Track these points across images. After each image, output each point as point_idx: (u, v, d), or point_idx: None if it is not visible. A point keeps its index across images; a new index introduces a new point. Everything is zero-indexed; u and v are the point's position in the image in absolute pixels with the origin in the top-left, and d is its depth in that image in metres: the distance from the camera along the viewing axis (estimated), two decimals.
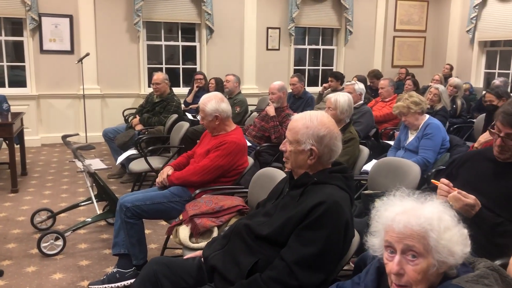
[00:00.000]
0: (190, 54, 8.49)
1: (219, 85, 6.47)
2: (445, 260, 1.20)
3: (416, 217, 1.23)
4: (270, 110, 4.60)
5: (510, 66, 8.52)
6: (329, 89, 6.78)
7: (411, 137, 4.01)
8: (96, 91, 7.61)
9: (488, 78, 8.81)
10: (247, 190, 3.03)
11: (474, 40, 8.86)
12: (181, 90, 7.75)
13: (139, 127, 5.41)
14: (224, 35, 8.23)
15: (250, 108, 6.59)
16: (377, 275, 1.38)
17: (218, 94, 3.28)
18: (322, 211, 1.72)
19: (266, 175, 2.87)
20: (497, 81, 6.80)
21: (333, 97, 3.75)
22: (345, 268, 2.08)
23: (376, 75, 7.82)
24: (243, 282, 1.75)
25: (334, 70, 9.00)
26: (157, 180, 3.21)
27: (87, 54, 7.02)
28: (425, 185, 3.10)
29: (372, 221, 1.36)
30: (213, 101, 3.14)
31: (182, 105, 6.37)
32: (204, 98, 3.22)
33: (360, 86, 5.05)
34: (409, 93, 4.09)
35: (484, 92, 7.41)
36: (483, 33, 8.71)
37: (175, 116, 5.29)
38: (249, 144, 4.07)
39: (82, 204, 3.92)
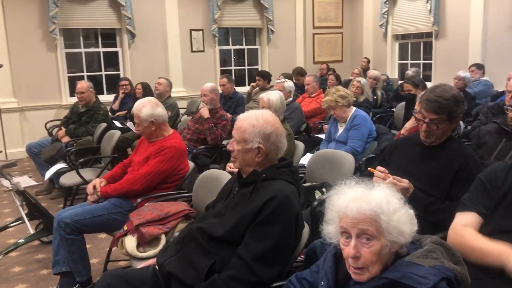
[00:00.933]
0: (111, 60, 8.23)
1: (147, 90, 6.35)
2: (396, 239, 1.30)
3: (367, 202, 1.32)
4: (204, 112, 4.60)
5: (421, 56, 9.17)
6: (257, 88, 6.90)
7: (341, 129, 4.22)
8: (12, 104, 7.14)
9: (402, 69, 9.41)
10: (191, 194, 3.02)
11: (387, 34, 9.42)
12: (106, 98, 7.49)
13: (65, 139, 5.16)
14: (147, 39, 8.07)
15: (181, 111, 6.54)
16: (334, 261, 1.46)
17: (152, 99, 3.23)
18: (274, 206, 1.77)
19: (209, 177, 2.89)
20: (410, 71, 7.30)
21: (265, 96, 3.83)
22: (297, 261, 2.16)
23: (300, 72, 8.07)
24: (203, 284, 1.76)
25: (259, 69, 9.16)
26: (89, 199, 3.06)
27: (0, 66, 6.57)
28: (357, 173, 3.27)
29: (327, 210, 1.43)
30: (148, 106, 3.09)
31: (109, 113, 6.17)
32: (138, 103, 3.16)
33: (289, 84, 5.21)
34: (336, 88, 4.29)
35: (400, 82, 7.96)
36: (394, 27, 9.28)
37: (104, 125, 5.12)
38: None
39: (11, 225, 3.68)
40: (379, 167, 2.28)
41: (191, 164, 3.27)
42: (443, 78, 7.49)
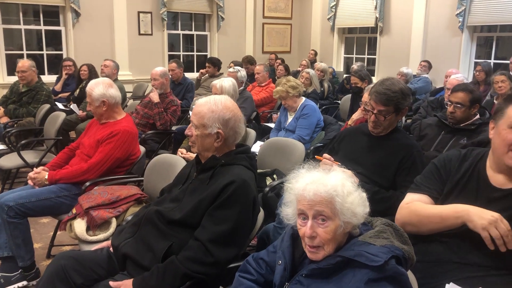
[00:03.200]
0: (54, 40, 7.86)
1: (92, 72, 6.13)
2: (350, 220, 1.39)
3: (323, 185, 1.39)
4: (154, 96, 4.53)
5: (365, 51, 9.50)
6: (207, 75, 6.87)
7: (290, 118, 4.32)
8: None
9: (347, 62, 9.70)
10: (142, 178, 3.00)
11: (334, 28, 9.66)
12: (47, 78, 7.13)
13: (4, 119, 4.92)
14: (93, 19, 7.77)
15: (127, 95, 6.39)
16: (291, 241, 1.53)
17: (106, 79, 3.16)
18: (232, 190, 1.82)
19: (162, 162, 2.87)
20: (355, 65, 7.56)
21: (218, 83, 3.84)
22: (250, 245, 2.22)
23: (250, 60, 8.12)
24: (159, 265, 1.78)
25: (208, 55, 9.10)
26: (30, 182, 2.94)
27: None
28: (305, 161, 3.38)
29: (285, 193, 1.50)
30: (100, 86, 3.02)
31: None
32: (92, 83, 3.09)
33: (242, 74, 5.23)
34: (287, 78, 4.36)
35: (345, 75, 8.22)
36: (341, 21, 9.52)
37: (47, 106, 4.91)
38: None
39: None
40: (325, 155, 2.38)
41: (142, 149, 3.23)
42: (386, 73, 7.81)
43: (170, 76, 6.08)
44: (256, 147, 3.76)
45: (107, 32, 7.97)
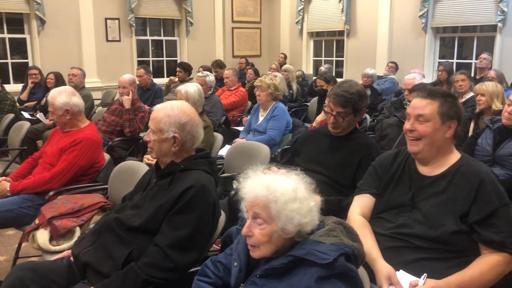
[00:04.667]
0: (19, 48, 7.71)
1: (59, 80, 6.05)
2: (286, 227, 1.40)
3: (266, 189, 1.42)
4: (126, 102, 4.51)
5: (333, 54, 9.64)
6: (177, 80, 6.87)
7: (261, 118, 4.36)
8: None
9: (317, 65, 9.82)
10: (106, 186, 2.98)
11: (302, 31, 9.77)
12: (13, 87, 6.98)
13: None
14: (59, 26, 7.66)
15: (96, 102, 6.33)
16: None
17: (68, 88, 3.15)
18: (191, 195, 1.84)
19: (125, 168, 2.86)
20: (323, 68, 7.67)
21: (183, 88, 3.85)
22: (212, 249, 2.24)
23: (219, 64, 8.14)
24: (119, 272, 1.78)
25: (178, 61, 9.08)
26: None
27: None
28: (273, 164, 3.43)
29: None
30: (63, 95, 2.99)
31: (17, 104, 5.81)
32: (54, 91, 3.06)
33: (211, 79, 5.24)
34: (275, 77, 4.39)
35: (314, 78, 8.32)
36: (309, 25, 9.64)
37: (11, 115, 4.82)
38: None
39: None
40: (273, 168, 2.35)
41: (107, 157, 3.22)
42: (354, 75, 7.96)
43: (138, 82, 6.08)
44: (224, 151, 3.79)
45: (74, 39, 7.87)
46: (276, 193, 1.40)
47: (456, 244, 1.73)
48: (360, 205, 2.01)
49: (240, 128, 4.98)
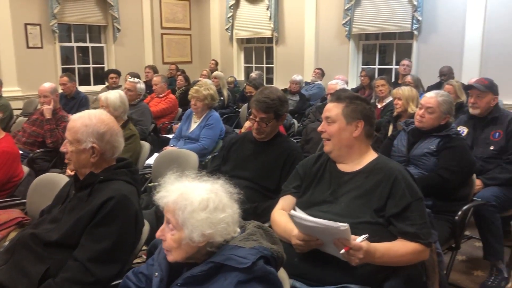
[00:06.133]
0: None
1: None
2: (192, 236, 1.39)
3: (177, 196, 1.43)
4: (47, 111, 4.30)
5: (263, 60, 9.80)
6: (114, 85, 6.74)
7: (194, 125, 4.31)
8: None
9: (248, 71, 9.92)
10: (24, 200, 2.83)
11: (233, 38, 9.85)
12: None
13: None
14: None
15: (16, 112, 5.99)
16: None
17: None
18: (112, 206, 1.79)
19: (45, 182, 2.73)
20: (253, 74, 7.79)
21: (103, 95, 3.74)
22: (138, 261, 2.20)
23: (153, 67, 8.14)
24: None
25: (105, 68, 8.82)
26: None
27: None
28: (203, 171, 3.42)
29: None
30: None
31: None
32: None
33: (142, 86, 5.13)
34: (211, 86, 4.33)
35: (245, 84, 8.41)
36: (239, 32, 9.73)
37: None
38: (20, 152, 3.74)
39: None
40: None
41: (26, 169, 3.06)
42: (283, 81, 8.15)
43: (62, 90, 5.84)
44: (152, 160, 3.72)
45: None
46: (186, 201, 1.40)
47: (372, 235, 1.80)
48: (282, 204, 2.11)
49: (171, 136, 4.92)
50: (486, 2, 6.33)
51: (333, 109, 1.99)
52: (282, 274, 1.58)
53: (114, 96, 3.62)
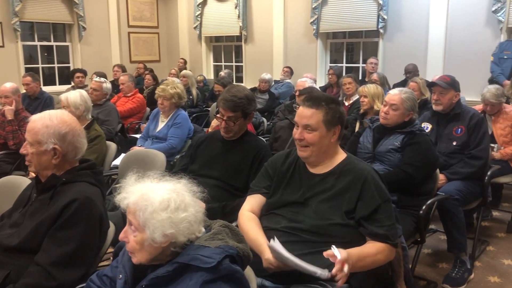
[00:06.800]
0: None
1: None
2: (154, 237, 1.37)
3: (138, 197, 1.41)
4: (9, 112, 4.16)
5: (233, 59, 9.78)
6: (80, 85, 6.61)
7: (162, 125, 4.26)
8: None
9: (217, 70, 9.89)
10: None
11: (201, 36, 9.78)
12: None
13: None
14: None
15: None
16: None
17: None
18: (75, 208, 1.75)
19: (7, 184, 2.64)
20: (222, 73, 7.77)
21: (63, 96, 3.64)
22: (105, 264, 2.16)
23: (121, 66, 8.01)
24: None
25: (71, 67, 8.63)
26: None
27: None
28: (172, 170, 3.39)
29: None
30: None
31: None
32: None
33: (108, 86, 5.03)
34: (178, 85, 4.27)
35: (214, 83, 8.38)
36: (207, 30, 9.66)
37: None
38: None
39: None
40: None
41: None
42: (253, 79, 8.17)
43: (25, 91, 5.68)
44: (118, 161, 3.66)
45: None
46: (146, 202, 1.38)
47: (343, 236, 1.86)
48: (251, 203, 2.09)
49: (139, 136, 4.85)
50: (448, 1, 6.51)
51: (312, 117, 1.93)
52: (249, 272, 1.58)
53: (74, 95, 3.53)
